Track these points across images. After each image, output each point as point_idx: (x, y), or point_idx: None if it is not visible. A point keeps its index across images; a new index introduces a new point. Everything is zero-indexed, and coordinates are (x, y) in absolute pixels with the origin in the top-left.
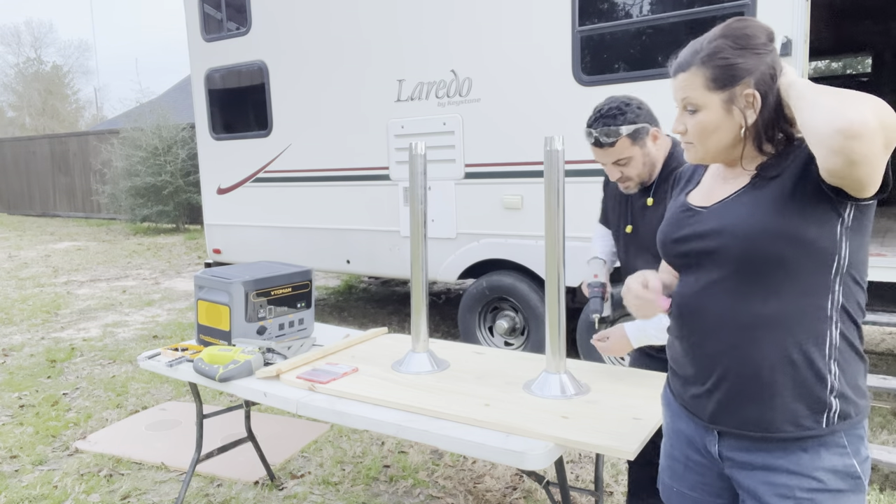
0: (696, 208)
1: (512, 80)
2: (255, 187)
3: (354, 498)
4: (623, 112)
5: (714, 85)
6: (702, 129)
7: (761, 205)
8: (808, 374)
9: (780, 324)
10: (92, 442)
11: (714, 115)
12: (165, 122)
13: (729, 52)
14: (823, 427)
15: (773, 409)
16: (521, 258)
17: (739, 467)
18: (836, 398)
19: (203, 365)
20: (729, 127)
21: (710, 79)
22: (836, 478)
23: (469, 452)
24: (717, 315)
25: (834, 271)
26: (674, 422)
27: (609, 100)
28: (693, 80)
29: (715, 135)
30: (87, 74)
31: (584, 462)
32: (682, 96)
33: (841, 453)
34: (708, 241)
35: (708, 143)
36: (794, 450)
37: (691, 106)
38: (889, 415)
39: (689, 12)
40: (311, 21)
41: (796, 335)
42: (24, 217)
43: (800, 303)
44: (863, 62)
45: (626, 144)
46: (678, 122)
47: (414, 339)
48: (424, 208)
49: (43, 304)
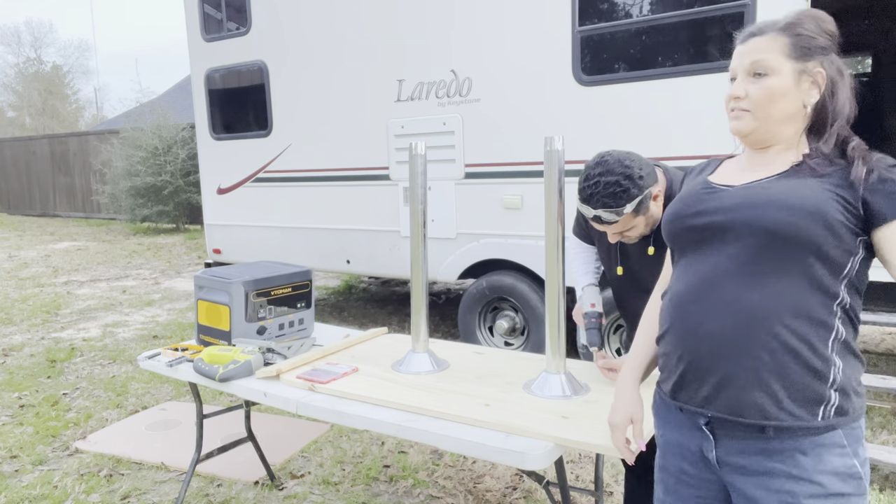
0: (719, 186)
1: (512, 80)
2: (255, 187)
3: (354, 498)
4: (625, 189)
5: (792, 52)
6: (769, 94)
7: (806, 186)
8: (811, 363)
9: (789, 307)
10: (92, 442)
11: (785, 81)
12: (165, 122)
13: (811, 26)
14: (819, 420)
15: (771, 394)
16: (521, 258)
17: (738, 472)
18: (836, 392)
19: (203, 365)
20: (794, 98)
21: (788, 45)
22: (838, 480)
23: (469, 452)
24: (721, 294)
25: (845, 273)
26: (666, 432)
27: (605, 169)
28: (770, 44)
29: (780, 103)
30: (87, 74)
31: (584, 462)
32: (754, 59)
33: (841, 453)
34: (733, 213)
35: (770, 110)
36: (792, 453)
37: (762, 69)
38: (889, 415)
39: (689, 12)
40: (311, 21)
41: (804, 322)
42: (24, 217)
43: (812, 289)
44: (863, 62)
45: (629, 218)
46: (738, 86)
47: (414, 339)
48: (424, 208)
49: (43, 304)
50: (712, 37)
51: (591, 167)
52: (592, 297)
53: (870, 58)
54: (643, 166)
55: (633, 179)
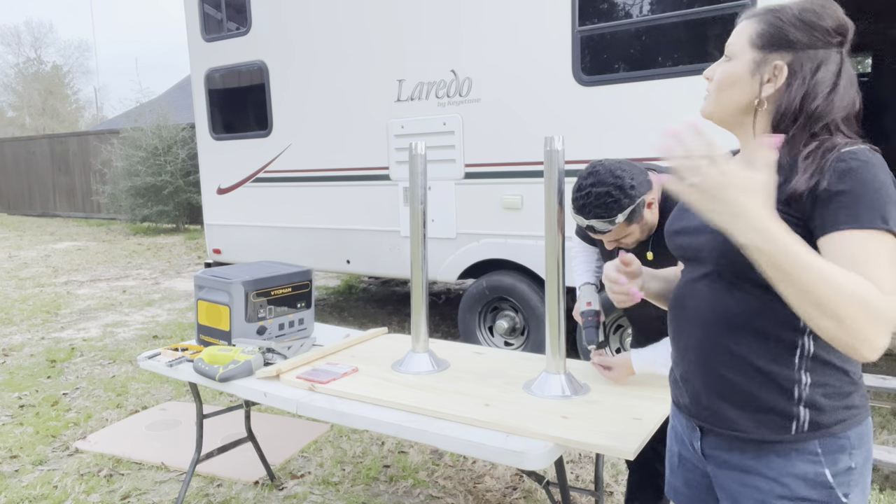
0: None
1: (512, 81)
2: (255, 187)
3: (354, 498)
4: (617, 200)
5: (755, 41)
6: (723, 79)
7: None
8: (775, 381)
9: (749, 326)
10: (92, 442)
11: (740, 68)
12: (165, 122)
13: (787, 16)
14: (791, 434)
15: (740, 409)
16: (521, 258)
17: (719, 466)
18: (805, 408)
19: (203, 365)
20: (746, 89)
21: (755, 33)
22: (804, 485)
23: (469, 452)
24: (694, 310)
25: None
26: (672, 417)
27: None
28: (743, 30)
29: (730, 90)
30: (87, 74)
31: (584, 462)
32: (729, 41)
33: (811, 461)
34: (695, 236)
35: (721, 96)
36: (767, 452)
37: (729, 53)
38: (889, 415)
39: (689, 12)
40: (311, 21)
41: (765, 340)
42: (24, 217)
43: (771, 308)
44: (863, 62)
45: (622, 227)
46: (711, 67)
47: (414, 339)
48: (424, 208)
49: (43, 304)
50: (712, 37)
51: (583, 177)
52: (588, 296)
53: (870, 58)
54: (635, 175)
55: (625, 189)
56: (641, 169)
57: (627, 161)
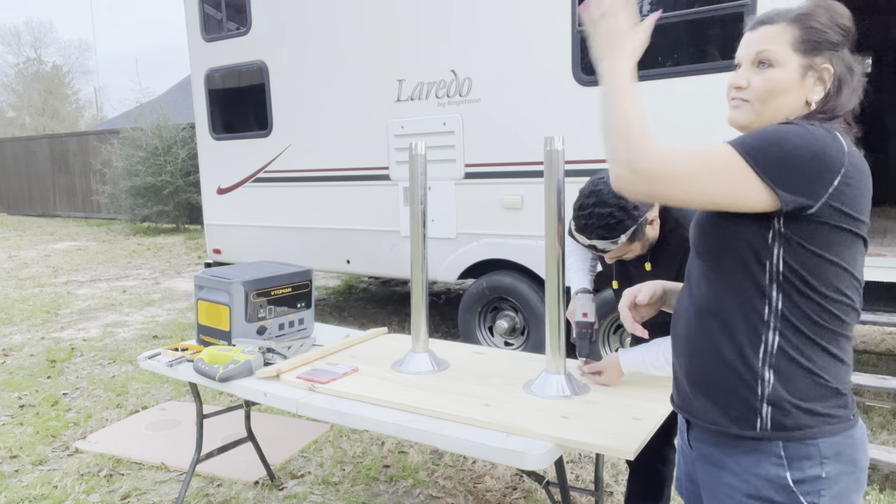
0: None
1: (512, 80)
2: (255, 187)
3: (354, 498)
4: (620, 220)
5: (800, 46)
6: (770, 88)
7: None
8: (740, 373)
9: (718, 317)
10: (92, 442)
11: (789, 75)
12: (165, 122)
13: (824, 18)
14: (756, 432)
15: (712, 400)
16: (521, 258)
17: (700, 459)
18: (768, 405)
19: (203, 365)
20: (797, 95)
21: (797, 38)
22: (769, 487)
23: (469, 452)
24: (679, 302)
25: (768, 276)
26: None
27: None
28: (778, 35)
29: (781, 98)
30: (87, 74)
31: (584, 462)
32: (760, 48)
33: (775, 463)
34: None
35: (769, 104)
36: (736, 448)
37: (767, 60)
38: (889, 415)
39: (690, 12)
40: (311, 21)
41: (733, 331)
42: (24, 217)
43: (735, 299)
44: (863, 62)
45: (624, 245)
46: (741, 76)
47: (414, 339)
48: (424, 208)
49: (43, 304)
50: (712, 37)
51: (585, 196)
52: (585, 307)
53: (870, 58)
54: None
55: (628, 210)
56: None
57: None
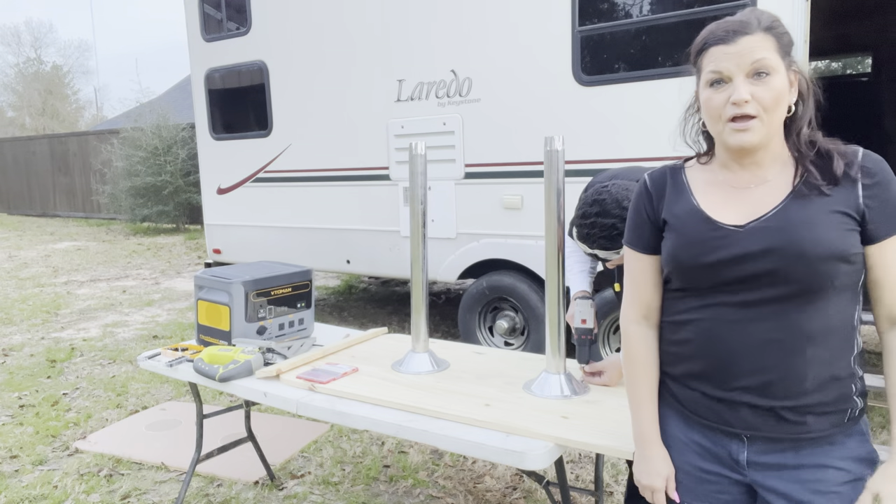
0: (728, 227)
1: (512, 81)
2: (255, 187)
3: (354, 498)
4: (622, 232)
5: (782, 52)
6: (777, 96)
7: (817, 222)
8: (847, 384)
9: (824, 340)
10: (92, 442)
11: (784, 82)
12: (165, 122)
13: (783, 26)
14: (846, 423)
15: (814, 416)
16: (521, 258)
17: (767, 469)
18: (859, 398)
19: (203, 365)
20: (787, 102)
21: (776, 46)
22: (861, 466)
23: (469, 452)
24: (761, 335)
25: (861, 282)
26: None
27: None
28: (763, 43)
29: (780, 107)
30: (87, 74)
31: (584, 462)
32: (757, 58)
33: (862, 441)
34: (760, 262)
35: (775, 115)
36: (822, 444)
37: (765, 69)
38: (889, 415)
39: (689, 12)
40: (311, 21)
41: (837, 349)
42: (24, 217)
43: (840, 317)
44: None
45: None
46: (743, 89)
47: (414, 339)
48: (424, 208)
49: (43, 304)
50: None
51: (588, 204)
52: (584, 312)
53: (870, 58)
54: None
55: None
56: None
57: (633, 186)
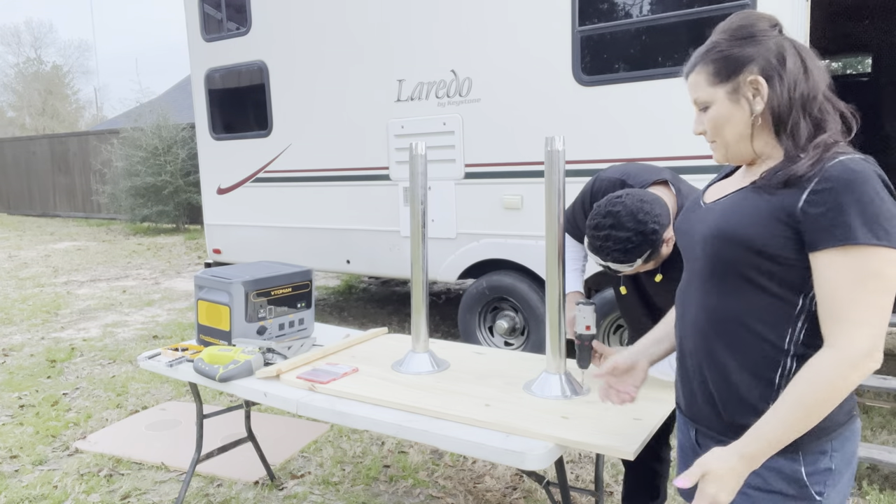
0: (702, 204)
1: (512, 80)
2: (255, 187)
3: (354, 498)
4: (638, 246)
5: (716, 78)
6: (714, 124)
7: (742, 212)
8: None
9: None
10: (92, 442)
11: (722, 107)
12: (165, 122)
13: (725, 43)
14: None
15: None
16: (521, 258)
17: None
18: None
19: (203, 365)
20: (740, 118)
21: (711, 73)
22: (779, 479)
23: (469, 452)
24: (692, 312)
25: (798, 309)
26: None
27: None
28: (698, 79)
29: (727, 127)
30: (87, 74)
31: (584, 462)
32: (694, 97)
33: (791, 458)
34: (692, 237)
35: (725, 136)
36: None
37: (702, 104)
38: (889, 415)
39: (690, 12)
40: (311, 21)
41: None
42: (24, 217)
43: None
44: (863, 62)
45: (639, 266)
46: (697, 123)
47: (414, 339)
48: (424, 208)
49: (43, 304)
50: None
51: (602, 215)
52: (588, 318)
53: (870, 58)
54: (658, 215)
55: (646, 235)
56: (662, 202)
57: (650, 195)
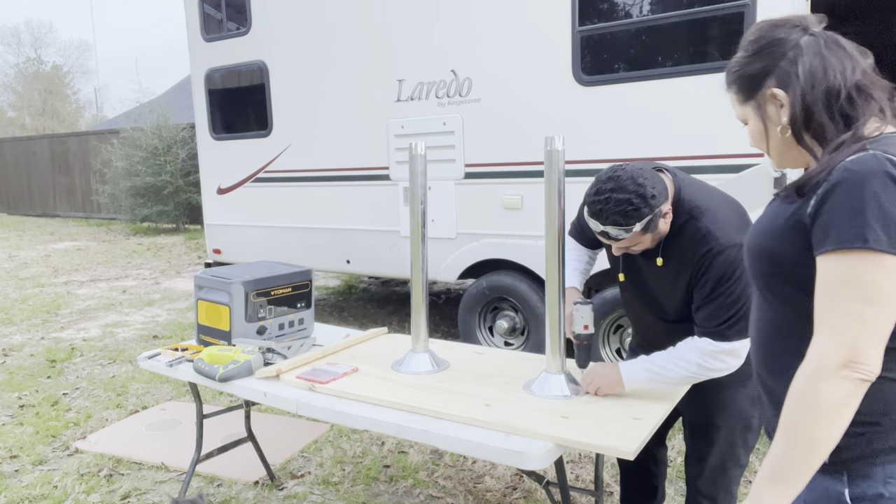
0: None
1: (512, 80)
2: (255, 187)
3: (354, 498)
4: (637, 208)
5: (742, 97)
6: (754, 139)
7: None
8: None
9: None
10: (92, 442)
11: (754, 123)
12: (165, 122)
13: (741, 61)
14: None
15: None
16: (521, 258)
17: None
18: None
19: (203, 365)
20: (772, 131)
21: (736, 93)
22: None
23: (469, 452)
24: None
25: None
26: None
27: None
28: (732, 97)
29: (765, 141)
30: (87, 74)
31: (584, 462)
32: (736, 116)
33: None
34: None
35: (765, 145)
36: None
37: (741, 121)
38: None
39: (689, 12)
40: (311, 21)
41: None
42: (24, 217)
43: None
44: None
45: (637, 235)
46: (749, 138)
47: (414, 339)
48: (424, 208)
49: (43, 304)
50: (712, 37)
51: (603, 181)
52: (586, 318)
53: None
54: (656, 184)
55: (646, 198)
56: (660, 178)
57: (648, 168)
